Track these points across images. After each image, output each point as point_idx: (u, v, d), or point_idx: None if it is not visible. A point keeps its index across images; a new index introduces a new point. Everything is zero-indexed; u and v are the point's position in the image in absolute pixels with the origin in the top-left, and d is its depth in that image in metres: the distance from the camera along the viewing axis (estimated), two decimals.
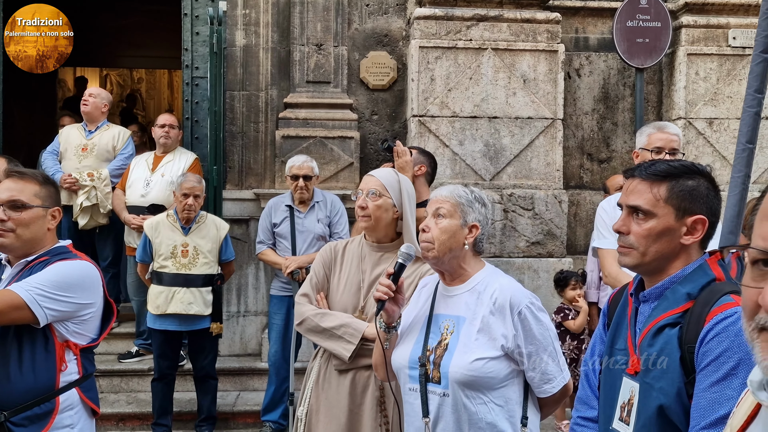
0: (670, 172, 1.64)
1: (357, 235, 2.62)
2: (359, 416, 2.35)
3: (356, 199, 2.46)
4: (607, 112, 5.78)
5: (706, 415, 1.44)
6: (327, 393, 2.41)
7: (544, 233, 5.26)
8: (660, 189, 1.63)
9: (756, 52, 2.18)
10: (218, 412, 4.59)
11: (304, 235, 4.37)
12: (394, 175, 2.50)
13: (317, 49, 5.48)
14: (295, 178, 4.35)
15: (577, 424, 1.89)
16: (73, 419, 2.16)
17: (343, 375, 2.39)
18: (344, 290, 2.45)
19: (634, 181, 1.69)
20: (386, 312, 1.99)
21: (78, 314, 2.15)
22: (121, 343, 5.33)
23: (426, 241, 1.97)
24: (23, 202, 2.15)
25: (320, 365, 2.48)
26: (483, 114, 5.27)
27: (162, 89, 12.72)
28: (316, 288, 2.50)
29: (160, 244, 4.22)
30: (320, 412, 2.41)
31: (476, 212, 2.00)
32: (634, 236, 1.64)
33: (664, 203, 1.62)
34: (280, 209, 4.46)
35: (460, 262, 2.00)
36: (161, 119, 5.13)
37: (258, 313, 5.41)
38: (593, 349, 1.91)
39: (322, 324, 2.38)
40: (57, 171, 5.09)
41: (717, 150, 5.47)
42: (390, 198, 2.41)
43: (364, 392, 2.36)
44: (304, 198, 4.41)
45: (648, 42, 5.28)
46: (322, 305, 2.46)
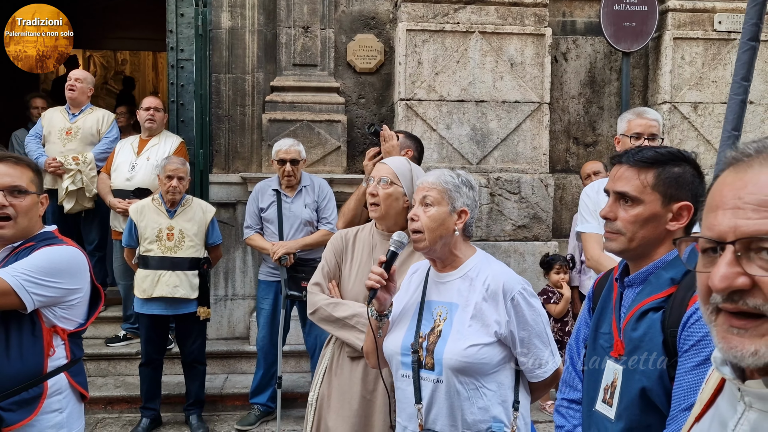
0: (657, 159, 1.66)
1: (368, 223, 2.60)
2: (372, 402, 2.35)
3: (367, 186, 2.45)
4: (594, 96, 5.81)
5: (687, 396, 1.47)
6: (339, 379, 2.41)
7: (530, 217, 5.30)
8: (647, 176, 1.65)
9: (743, 39, 2.19)
10: (206, 395, 4.61)
11: (291, 220, 4.36)
12: (407, 163, 2.47)
13: (304, 31, 5.44)
14: (282, 162, 4.33)
15: (561, 405, 1.93)
16: (61, 403, 2.16)
17: (355, 362, 2.39)
18: (356, 279, 2.44)
19: (621, 168, 1.70)
20: (378, 300, 1.97)
21: (65, 299, 2.14)
22: (109, 327, 5.32)
23: (416, 230, 1.96)
24: (24, 188, 2.14)
25: (333, 351, 2.48)
26: (470, 98, 5.27)
27: (146, 71, 12.55)
28: (328, 277, 2.49)
29: (146, 228, 4.20)
30: (332, 398, 2.40)
31: (464, 197, 1.99)
32: (621, 222, 1.66)
33: (651, 190, 1.64)
34: (267, 193, 4.44)
35: (452, 249, 2.00)
36: (146, 102, 5.08)
37: (246, 297, 5.42)
38: (578, 333, 1.94)
39: (334, 314, 2.38)
40: (41, 155, 5.03)
41: (701, 134, 5.52)
42: (401, 187, 2.39)
43: (377, 379, 2.34)
44: (292, 183, 4.39)
45: (635, 26, 5.30)
46: (334, 294, 2.45)
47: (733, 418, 0.88)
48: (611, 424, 1.64)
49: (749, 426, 0.85)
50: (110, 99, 11.71)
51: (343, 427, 2.34)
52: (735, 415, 0.88)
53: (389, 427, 2.28)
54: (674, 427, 1.48)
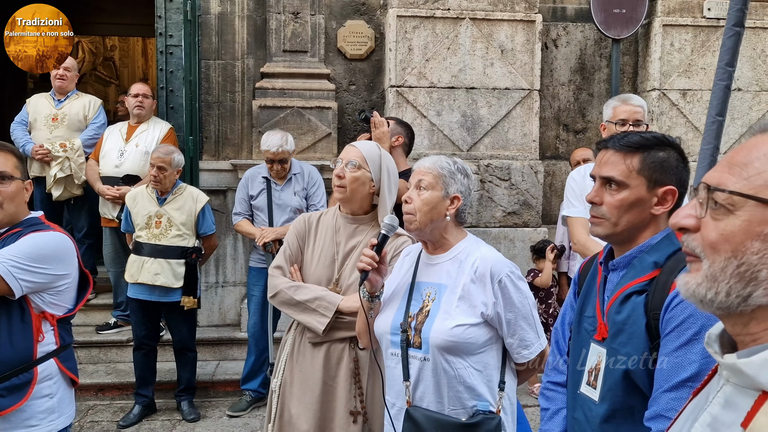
0: (643, 143, 1.67)
1: (332, 207, 2.61)
2: (333, 388, 2.36)
3: (334, 167, 2.44)
4: (584, 82, 5.82)
5: (668, 378, 1.49)
6: (301, 366, 2.41)
7: (520, 203, 5.32)
8: (633, 160, 1.66)
9: (728, 25, 2.20)
10: (198, 382, 4.63)
11: (281, 208, 4.37)
12: (377, 149, 2.47)
13: (294, 17, 5.41)
14: (270, 161, 4.34)
15: (547, 388, 1.95)
16: (52, 389, 2.17)
17: (317, 348, 2.39)
18: (318, 262, 2.44)
19: (607, 153, 1.71)
20: (369, 282, 2.02)
21: (53, 285, 2.14)
22: (99, 315, 5.32)
23: (408, 212, 2.00)
24: (9, 174, 2.13)
25: (294, 338, 2.47)
26: (460, 84, 5.27)
27: (136, 57, 12.45)
28: (290, 260, 2.48)
29: (137, 215, 4.22)
30: (294, 385, 2.41)
31: (458, 183, 2.03)
32: (607, 207, 1.68)
33: (637, 174, 1.65)
34: (257, 181, 4.44)
35: (442, 233, 2.04)
36: (134, 89, 5.05)
37: (236, 284, 5.43)
38: (564, 316, 1.96)
39: (296, 297, 2.37)
40: (27, 142, 5.00)
41: (690, 121, 5.55)
42: (369, 172, 2.39)
43: (339, 365, 2.36)
44: (281, 176, 4.42)
45: (624, 12, 5.30)
46: (296, 277, 2.44)
47: (714, 391, 0.92)
48: (595, 406, 1.66)
49: (724, 398, 0.88)
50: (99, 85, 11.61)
51: (306, 413, 2.34)
52: (716, 389, 0.91)
53: (350, 412, 2.31)
54: (656, 408, 1.51)
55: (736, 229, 0.83)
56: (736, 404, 0.86)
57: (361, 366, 2.37)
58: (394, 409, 2.02)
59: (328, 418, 2.36)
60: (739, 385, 0.86)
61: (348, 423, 2.32)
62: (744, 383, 0.85)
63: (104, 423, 4.37)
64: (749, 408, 0.83)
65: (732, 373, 0.87)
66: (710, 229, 0.86)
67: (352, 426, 2.32)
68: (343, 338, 2.35)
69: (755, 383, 0.83)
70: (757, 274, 0.82)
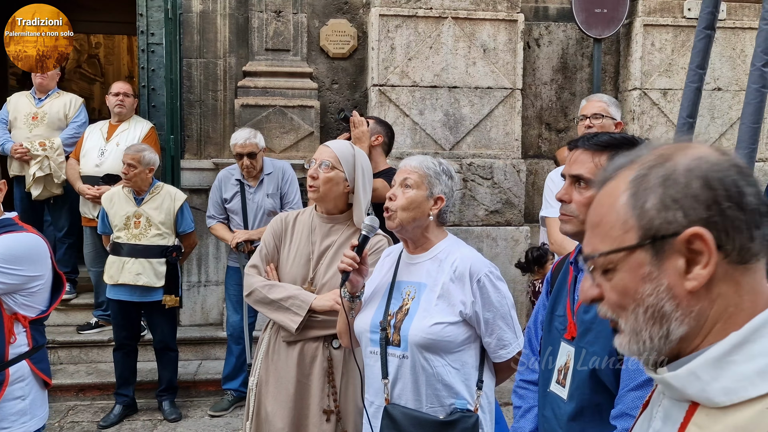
0: (611, 143, 1.70)
1: (310, 206, 2.62)
2: (307, 387, 2.38)
3: (308, 167, 2.46)
4: (566, 82, 5.85)
5: (633, 377, 1.52)
6: (276, 364, 2.43)
7: (502, 202, 5.34)
8: (601, 158, 1.68)
9: (699, 27, 2.23)
10: (180, 381, 4.61)
11: (254, 210, 4.37)
12: (350, 148, 2.48)
13: (276, 15, 5.39)
14: (240, 156, 4.32)
15: (519, 386, 1.97)
16: (24, 390, 2.16)
17: (291, 346, 2.41)
18: (294, 261, 2.46)
19: (577, 152, 1.74)
20: (350, 282, 2.04)
21: (26, 287, 2.13)
22: (80, 315, 5.28)
23: (391, 209, 2.02)
24: None
25: (270, 336, 2.50)
26: (443, 83, 5.28)
27: (121, 55, 12.34)
28: (266, 259, 2.50)
29: (115, 215, 4.19)
30: (270, 383, 2.43)
31: (443, 185, 2.05)
32: (575, 204, 1.70)
33: None
34: (230, 183, 4.43)
35: (424, 232, 2.06)
36: (115, 87, 5.01)
37: (219, 283, 5.41)
38: (536, 315, 1.98)
39: (270, 296, 2.39)
40: (7, 141, 4.96)
41: (670, 120, 5.59)
42: (342, 172, 2.41)
43: (312, 363, 2.39)
44: (252, 174, 4.39)
45: (606, 12, 5.33)
46: (272, 276, 2.46)
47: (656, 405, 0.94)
48: (564, 404, 1.68)
49: (663, 412, 0.91)
50: (83, 83, 11.51)
51: (281, 411, 2.37)
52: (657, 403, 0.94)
53: (323, 411, 2.33)
54: (621, 407, 1.53)
55: (627, 281, 0.86)
56: (672, 417, 0.88)
57: (334, 365, 2.39)
58: (373, 407, 2.03)
59: (302, 416, 2.38)
60: (672, 398, 0.89)
61: (321, 421, 2.34)
62: (675, 396, 0.87)
63: (84, 423, 4.34)
64: (682, 419, 0.85)
65: (664, 387, 0.89)
66: (609, 292, 0.88)
67: (325, 424, 2.34)
68: (317, 337, 2.37)
69: (684, 395, 0.85)
70: (662, 311, 0.83)
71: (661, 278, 0.83)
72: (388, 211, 2.03)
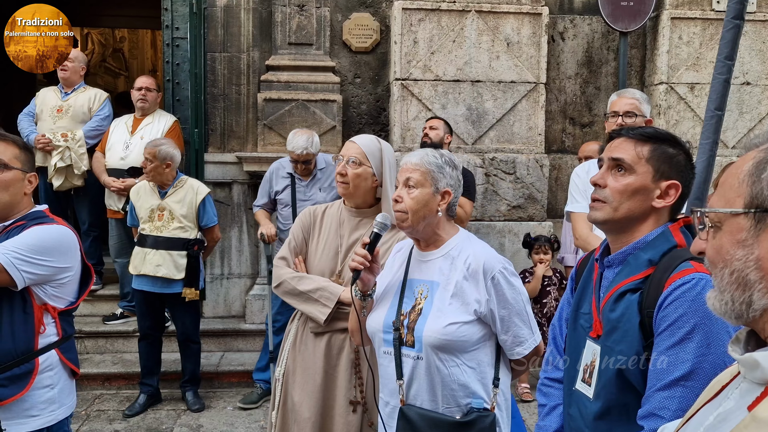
0: (655, 135, 1.68)
1: (338, 200, 2.64)
2: (334, 377, 2.40)
3: (336, 165, 2.47)
4: (591, 76, 5.78)
5: (661, 377, 1.49)
6: (303, 355, 2.45)
7: (525, 197, 5.31)
8: (643, 148, 1.66)
9: (728, 18, 2.18)
10: (203, 373, 4.67)
11: (306, 204, 4.39)
12: (377, 143, 2.49)
13: (299, 9, 5.40)
14: (295, 161, 4.35)
15: (544, 384, 1.96)
16: (53, 379, 2.20)
17: (319, 337, 2.43)
18: (322, 254, 2.48)
19: (620, 139, 1.72)
20: (362, 281, 2.01)
21: (55, 278, 2.16)
22: (106, 305, 5.37)
23: (399, 211, 1.99)
24: (5, 162, 2.15)
25: (297, 327, 2.52)
26: (466, 78, 5.25)
27: (145, 48, 12.45)
28: (294, 251, 2.52)
29: (141, 208, 4.28)
30: (296, 373, 2.45)
31: (447, 177, 2.00)
32: (611, 190, 1.67)
33: (645, 162, 1.65)
34: (281, 176, 4.47)
35: (435, 229, 2.02)
36: (138, 82, 5.07)
37: (242, 276, 5.45)
38: (561, 313, 1.96)
39: (298, 287, 2.41)
40: (32, 132, 5.04)
41: (698, 115, 5.50)
42: (370, 167, 2.42)
43: (340, 354, 2.40)
44: (306, 174, 4.44)
45: (632, 5, 5.25)
46: (300, 269, 2.48)
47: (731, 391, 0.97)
48: (590, 402, 1.67)
49: (739, 393, 0.93)
50: (108, 77, 11.64)
51: (308, 401, 2.39)
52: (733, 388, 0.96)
53: (349, 402, 2.34)
54: (648, 407, 1.51)
55: (724, 242, 0.93)
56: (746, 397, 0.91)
57: (361, 356, 2.40)
58: (388, 407, 2.02)
59: (329, 406, 2.40)
60: (753, 381, 0.90)
61: (347, 412, 2.35)
62: (757, 378, 0.89)
63: (110, 412, 4.41)
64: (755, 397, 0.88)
65: (748, 368, 0.91)
66: (709, 247, 0.96)
67: (351, 415, 2.35)
68: (345, 328, 2.38)
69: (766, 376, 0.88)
70: (746, 278, 0.88)
71: (754, 248, 0.88)
72: (396, 213, 2.00)
